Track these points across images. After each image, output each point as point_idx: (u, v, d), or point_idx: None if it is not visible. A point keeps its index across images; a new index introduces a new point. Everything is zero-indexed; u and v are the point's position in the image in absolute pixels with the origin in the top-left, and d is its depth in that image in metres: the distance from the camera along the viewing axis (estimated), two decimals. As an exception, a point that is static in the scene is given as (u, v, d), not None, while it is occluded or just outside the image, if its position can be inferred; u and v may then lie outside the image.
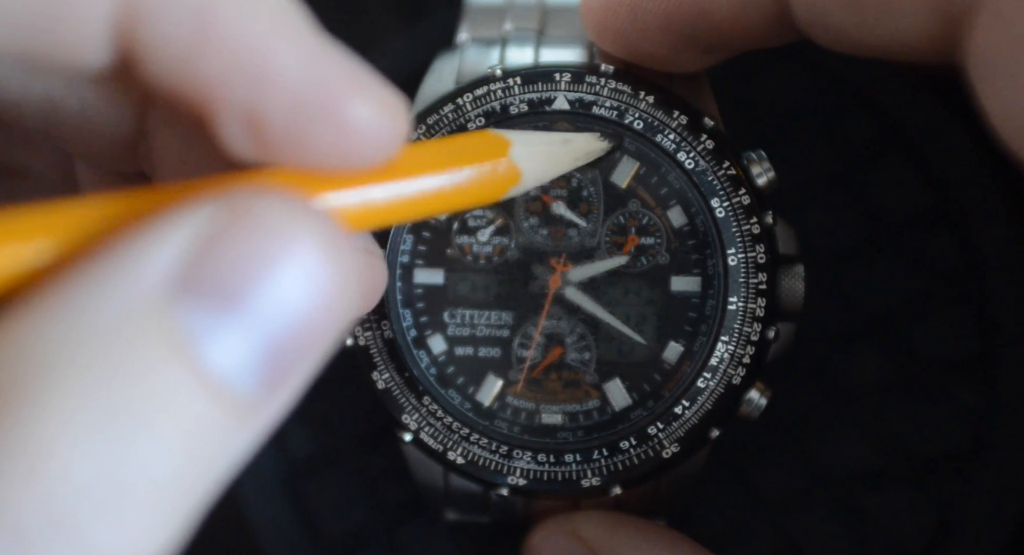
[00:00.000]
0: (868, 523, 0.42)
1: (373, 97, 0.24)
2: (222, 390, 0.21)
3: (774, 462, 0.43)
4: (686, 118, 0.36)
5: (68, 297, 0.20)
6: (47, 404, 0.19)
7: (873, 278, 0.43)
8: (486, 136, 0.32)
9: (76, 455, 0.19)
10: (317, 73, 0.23)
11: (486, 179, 0.30)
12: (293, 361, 0.22)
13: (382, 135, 0.24)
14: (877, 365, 0.43)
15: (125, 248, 0.21)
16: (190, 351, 0.20)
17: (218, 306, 0.21)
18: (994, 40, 0.26)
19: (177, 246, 0.21)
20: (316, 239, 0.22)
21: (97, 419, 0.19)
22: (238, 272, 0.21)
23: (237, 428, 0.21)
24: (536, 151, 0.33)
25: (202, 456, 0.20)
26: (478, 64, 0.38)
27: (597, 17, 0.36)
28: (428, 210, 0.29)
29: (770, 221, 0.36)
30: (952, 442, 0.42)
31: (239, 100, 0.23)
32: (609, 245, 0.38)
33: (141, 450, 0.19)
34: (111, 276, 0.20)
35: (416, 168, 0.28)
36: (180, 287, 0.20)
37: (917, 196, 0.43)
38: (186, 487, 0.20)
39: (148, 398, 0.20)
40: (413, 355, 0.38)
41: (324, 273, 0.22)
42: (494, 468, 0.37)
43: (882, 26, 0.29)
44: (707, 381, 0.36)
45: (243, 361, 0.21)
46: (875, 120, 0.44)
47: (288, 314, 0.21)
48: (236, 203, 0.21)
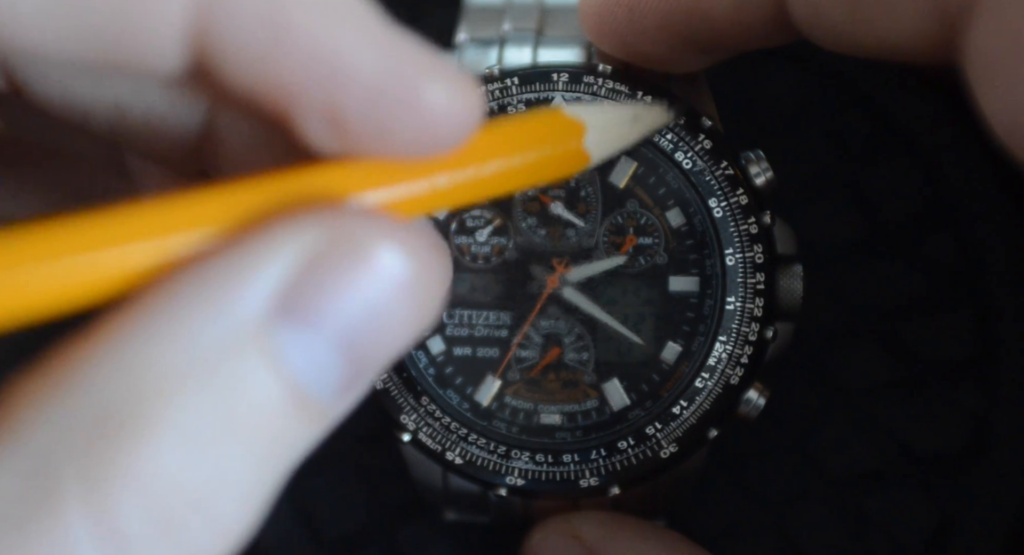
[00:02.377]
0: (868, 523, 0.42)
1: (448, 82, 0.24)
2: (306, 398, 0.22)
3: (773, 462, 0.43)
4: (684, 118, 0.36)
5: (177, 316, 0.21)
6: (160, 425, 0.20)
7: (873, 278, 0.43)
8: (560, 118, 0.31)
9: (180, 469, 0.20)
10: (391, 62, 0.23)
11: (558, 163, 0.30)
12: (370, 365, 0.23)
13: (458, 118, 0.24)
14: (877, 365, 0.43)
15: (232, 266, 0.21)
16: (283, 367, 0.21)
17: (310, 325, 0.22)
18: (992, 40, 0.26)
19: (280, 269, 0.22)
20: (405, 263, 0.23)
21: (202, 437, 0.20)
22: (333, 295, 0.22)
23: (313, 428, 0.23)
24: (608, 135, 0.33)
25: (281, 455, 0.22)
26: (476, 64, 0.38)
27: (595, 17, 0.35)
28: (497, 192, 0.29)
29: (768, 221, 0.36)
30: (952, 442, 0.42)
31: (318, 98, 0.23)
32: (607, 245, 0.38)
33: (235, 459, 0.21)
34: (220, 297, 0.21)
35: (489, 153, 0.27)
36: (280, 310, 0.21)
37: (917, 196, 0.43)
38: (267, 483, 0.22)
39: (245, 413, 0.21)
40: (411, 355, 0.38)
41: (407, 290, 0.23)
42: (492, 468, 0.37)
43: (880, 26, 0.29)
44: (705, 381, 0.36)
45: (326, 369, 0.22)
46: (874, 120, 0.44)
47: (370, 327, 0.23)
48: (334, 224, 0.22)
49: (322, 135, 0.24)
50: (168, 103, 0.30)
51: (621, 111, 0.34)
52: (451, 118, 0.24)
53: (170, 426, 0.20)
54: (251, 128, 0.29)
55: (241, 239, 0.22)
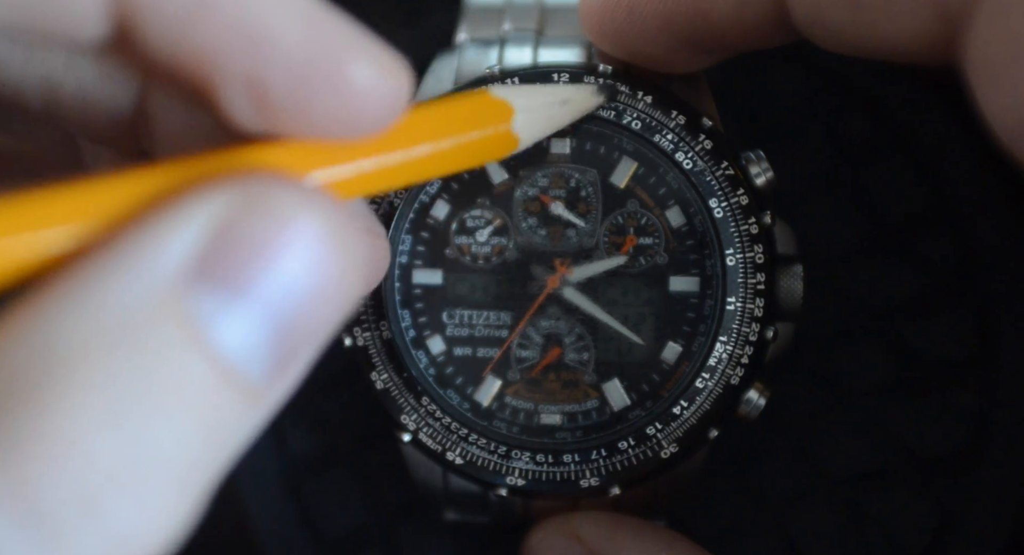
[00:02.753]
0: (868, 523, 0.42)
1: (374, 60, 0.24)
2: (234, 374, 0.21)
3: (773, 462, 0.43)
4: (684, 118, 0.36)
5: (87, 285, 0.20)
6: (69, 392, 0.19)
7: (873, 278, 0.43)
8: (487, 99, 0.31)
9: (98, 440, 0.19)
10: (317, 37, 0.23)
11: (486, 144, 0.30)
12: (300, 343, 0.22)
13: (384, 99, 0.24)
14: (877, 365, 0.43)
15: (141, 236, 0.21)
16: (204, 337, 0.21)
17: (231, 293, 0.21)
18: (991, 41, 0.26)
19: (192, 235, 0.21)
20: (324, 226, 0.22)
21: (118, 405, 0.20)
22: (250, 260, 0.21)
23: (248, 409, 0.22)
24: (536, 116, 0.33)
25: (216, 437, 0.21)
26: (477, 64, 0.38)
27: (596, 17, 0.36)
28: (427, 175, 0.29)
29: (768, 221, 0.36)
30: (952, 442, 0.42)
31: (240, 68, 0.23)
32: (607, 245, 0.38)
33: (160, 434, 0.20)
34: (129, 264, 0.20)
35: (418, 136, 0.27)
36: (195, 275, 0.21)
37: (917, 196, 0.43)
38: (200, 465, 0.21)
39: (165, 384, 0.20)
40: (412, 355, 0.38)
41: (331, 259, 0.22)
42: (493, 468, 0.37)
43: (880, 27, 0.29)
44: (705, 381, 0.36)
45: (253, 345, 0.22)
46: (875, 120, 0.44)
47: (296, 299, 0.22)
48: (248, 189, 0.22)
49: (245, 110, 0.23)
50: (99, 77, 0.29)
51: (550, 94, 0.34)
52: (377, 98, 0.24)
53: (81, 392, 0.19)
54: (183, 107, 0.29)
55: (153, 211, 0.21)
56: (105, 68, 0.29)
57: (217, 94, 0.23)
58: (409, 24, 0.46)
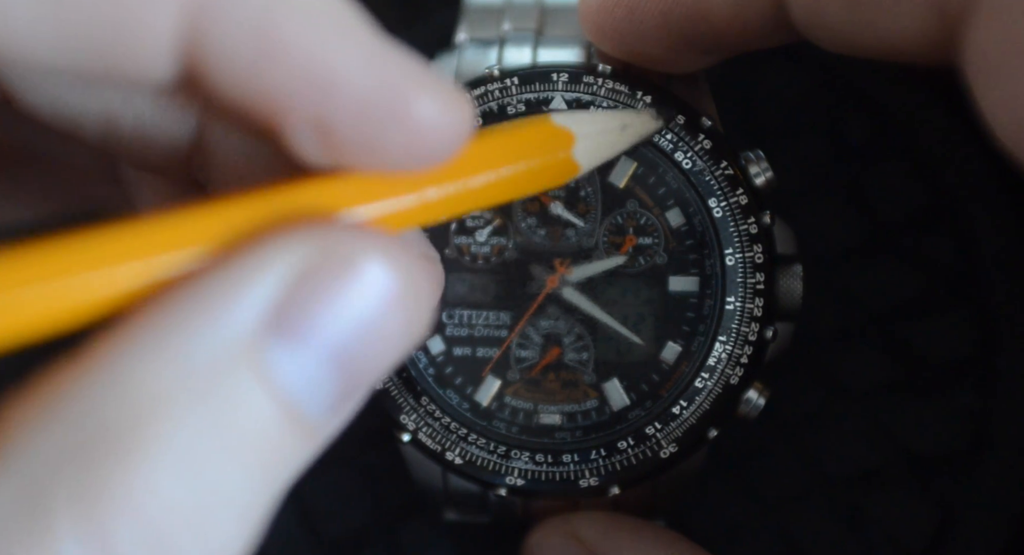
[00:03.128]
0: (868, 523, 0.42)
1: (438, 95, 0.24)
2: (300, 417, 0.22)
3: (773, 462, 0.43)
4: (684, 118, 0.36)
5: (170, 334, 0.21)
6: (151, 444, 0.20)
7: (873, 278, 0.43)
8: (549, 127, 0.31)
9: (173, 488, 0.20)
10: (382, 75, 0.23)
11: (547, 172, 0.30)
12: (362, 381, 0.23)
13: (448, 131, 0.24)
14: (877, 365, 0.43)
15: (221, 284, 0.21)
16: (276, 385, 0.21)
17: (301, 341, 0.22)
18: (991, 41, 0.26)
19: (271, 286, 0.22)
20: (392, 275, 0.23)
21: (193, 454, 0.20)
22: (323, 309, 0.22)
23: (306, 445, 0.23)
24: (597, 143, 0.33)
25: (275, 472, 0.22)
26: (476, 64, 0.38)
27: (595, 17, 0.35)
28: (488, 203, 0.29)
29: (768, 221, 0.36)
30: (952, 442, 0.42)
31: (307, 108, 0.23)
32: (607, 245, 0.38)
33: (229, 476, 0.21)
34: (210, 314, 0.21)
35: (480, 165, 0.28)
36: (271, 327, 0.21)
37: (917, 196, 0.43)
38: (260, 501, 0.22)
39: (236, 429, 0.21)
40: (412, 355, 0.38)
41: (395, 303, 0.23)
42: (492, 468, 0.37)
43: (879, 27, 0.29)
44: (705, 381, 0.36)
45: (318, 386, 0.22)
46: (875, 120, 0.44)
47: (361, 341, 0.23)
48: (323, 241, 0.22)
49: (312, 147, 0.24)
50: (159, 113, 0.30)
51: (610, 120, 0.34)
52: (441, 131, 0.24)
53: (163, 446, 0.20)
54: (242, 140, 0.29)
55: (231, 256, 0.22)
56: (166, 104, 0.30)
57: (283, 133, 0.24)
58: (409, 24, 0.46)
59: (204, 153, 0.30)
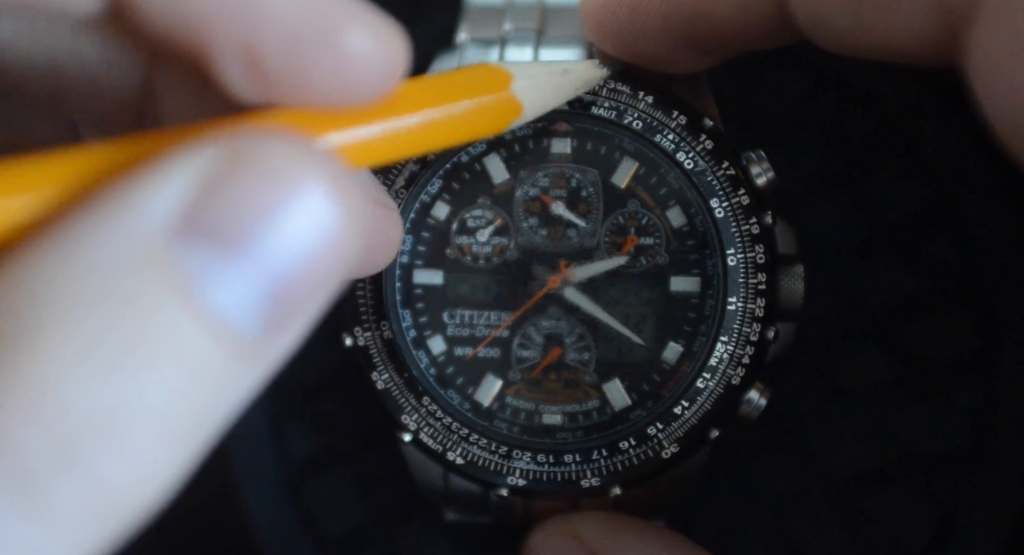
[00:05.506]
0: (868, 523, 0.42)
1: (370, 27, 0.23)
2: (224, 330, 0.21)
3: (774, 462, 0.43)
4: (685, 118, 0.36)
5: (70, 237, 0.20)
6: (48, 341, 0.19)
7: (873, 278, 0.43)
8: (487, 69, 0.31)
9: (77, 390, 0.19)
10: (311, 2, 0.23)
11: (488, 112, 0.30)
12: (296, 303, 0.22)
13: (381, 65, 0.23)
14: (877, 365, 0.43)
15: (126, 189, 0.21)
16: (192, 292, 0.20)
17: (221, 247, 0.21)
18: (993, 42, 0.26)
19: (180, 187, 0.21)
20: (321, 179, 0.21)
21: (98, 355, 0.19)
22: (242, 214, 0.21)
23: (239, 368, 0.21)
24: (537, 83, 0.32)
25: (204, 393, 0.21)
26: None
27: (596, 17, 0.35)
28: (430, 145, 0.28)
29: (769, 221, 0.36)
30: (952, 442, 0.42)
31: (234, 35, 0.22)
32: (608, 245, 0.38)
33: (143, 385, 0.20)
34: (113, 217, 0.20)
35: (417, 103, 0.27)
36: (183, 228, 0.20)
37: (917, 196, 0.43)
38: (189, 423, 0.21)
39: (149, 336, 0.20)
40: (412, 355, 0.38)
41: (329, 214, 0.22)
42: (493, 468, 0.37)
43: (881, 28, 0.29)
44: (706, 381, 0.36)
45: (245, 302, 0.21)
46: (875, 120, 0.44)
47: (291, 255, 0.21)
48: (239, 143, 0.21)
49: (242, 80, 0.23)
50: (103, 59, 0.29)
51: (550, 64, 0.34)
52: (374, 65, 0.23)
53: (58, 343, 0.19)
54: (188, 89, 0.29)
55: (139, 168, 0.21)
56: (107, 48, 0.29)
57: (213, 63, 0.23)
58: (409, 24, 0.46)
59: (154, 105, 0.30)
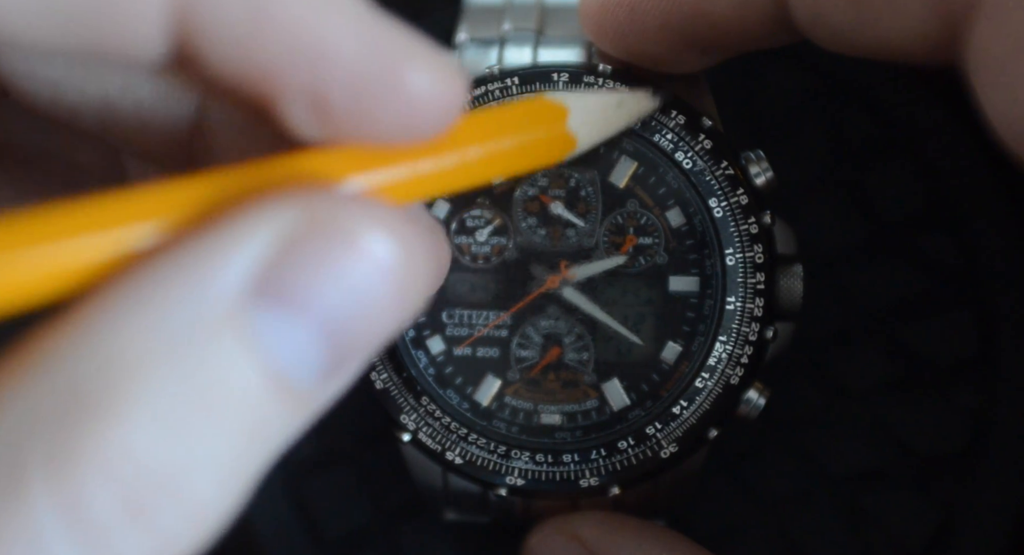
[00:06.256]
0: (868, 523, 0.42)
1: (430, 65, 0.24)
2: (286, 384, 0.21)
3: (773, 462, 0.43)
4: (684, 118, 0.36)
5: (150, 295, 0.20)
6: (125, 401, 0.20)
7: (873, 278, 0.43)
8: (544, 104, 0.31)
9: (151, 449, 0.20)
10: (374, 46, 0.23)
11: (543, 147, 0.30)
12: (353, 352, 0.23)
13: (442, 103, 0.24)
14: (877, 365, 0.43)
15: (205, 248, 0.21)
16: (260, 350, 0.21)
17: (290, 308, 0.21)
18: (994, 41, 0.26)
19: (257, 250, 0.21)
20: (386, 241, 0.22)
21: (171, 415, 0.20)
22: (312, 277, 0.21)
23: (293, 414, 0.22)
24: (592, 117, 0.33)
25: (258, 441, 0.21)
26: (476, 64, 0.38)
27: (596, 17, 0.35)
28: (485, 178, 0.29)
29: (768, 221, 0.36)
30: (952, 442, 0.42)
31: (301, 83, 0.23)
32: (607, 245, 0.38)
33: (209, 441, 0.20)
34: (192, 277, 0.21)
35: (474, 138, 0.27)
36: (257, 292, 0.21)
37: (917, 196, 0.43)
38: (242, 469, 0.21)
39: (218, 394, 0.20)
40: (411, 355, 0.38)
41: (389, 273, 0.22)
42: (492, 468, 0.37)
43: (882, 27, 0.29)
44: (705, 381, 0.36)
45: (306, 355, 0.22)
46: (875, 120, 0.44)
47: (353, 312, 0.22)
48: (312, 206, 0.22)
49: (306, 121, 0.23)
50: (156, 97, 0.29)
51: (605, 96, 0.34)
52: (435, 103, 0.24)
53: (137, 406, 0.20)
54: (241, 123, 0.29)
55: (217, 221, 0.21)
56: (163, 87, 0.29)
57: (277, 107, 0.23)
58: (409, 24, 0.46)
59: (204, 138, 0.30)
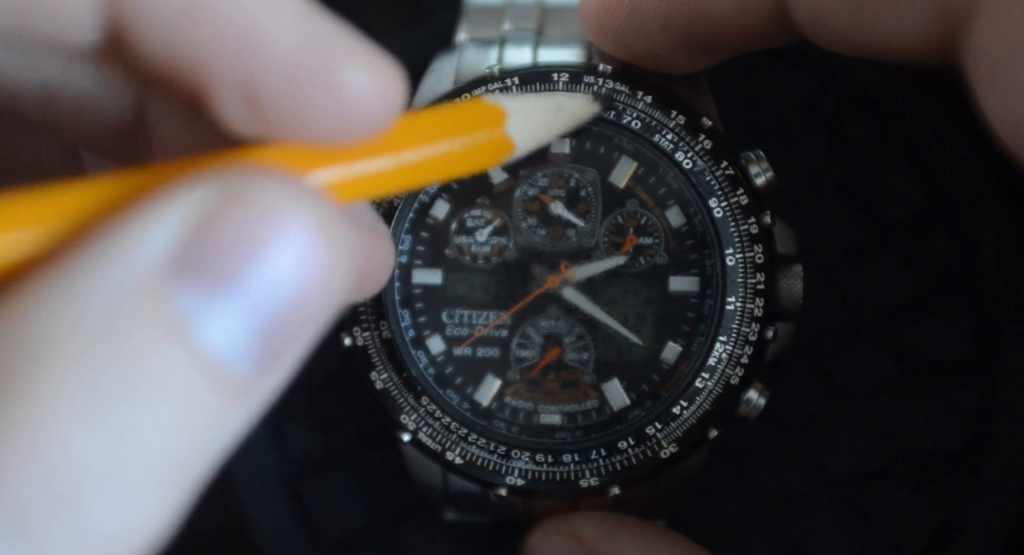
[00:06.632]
0: (868, 523, 0.42)
1: (368, 64, 0.23)
2: (217, 369, 0.21)
3: (773, 462, 0.43)
4: (684, 118, 0.36)
5: (64, 279, 0.20)
6: (44, 385, 0.19)
7: (873, 278, 0.43)
8: (482, 107, 0.31)
9: (74, 435, 0.19)
10: (310, 41, 0.23)
11: (481, 150, 0.30)
12: (287, 340, 0.22)
13: (378, 103, 0.24)
14: (877, 365, 0.43)
15: (121, 228, 0.21)
16: (185, 331, 0.20)
17: (213, 286, 0.21)
18: (993, 41, 0.26)
19: (172, 227, 0.21)
20: (310, 217, 0.22)
21: (94, 399, 0.19)
22: (233, 253, 0.21)
23: (232, 406, 0.21)
24: (530, 121, 0.33)
25: (198, 434, 0.21)
26: (476, 64, 0.38)
27: (596, 17, 0.35)
28: (422, 180, 0.29)
29: (768, 221, 0.36)
30: (952, 442, 0.42)
31: (233, 72, 0.22)
32: (607, 245, 0.38)
33: (138, 429, 0.20)
34: (107, 257, 0.20)
35: (412, 140, 0.27)
36: (175, 268, 0.20)
37: (917, 196, 0.43)
38: (183, 464, 0.20)
39: (144, 378, 0.20)
40: (411, 355, 0.38)
41: (317, 251, 0.22)
42: (492, 468, 0.37)
43: (882, 27, 0.29)
44: (705, 381, 0.36)
45: (237, 341, 0.21)
46: (875, 120, 0.44)
47: (281, 293, 0.21)
48: (230, 182, 0.21)
49: (239, 115, 0.23)
50: (96, 86, 0.29)
51: (543, 100, 0.34)
52: (371, 103, 0.23)
53: (57, 387, 0.19)
54: (181, 117, 0.29)
55: (134, 205, 0.21)
56: (102, 75, 0.29)
57: (211, 99, 0.23)
58: (409, 24, 0.46)
59: (147, 132, 0.30)
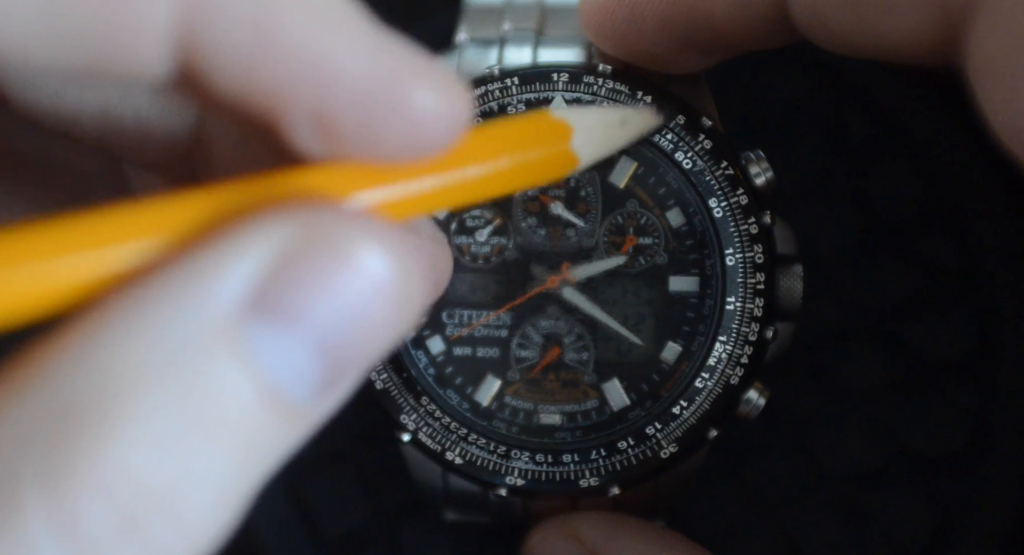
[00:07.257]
0: (868, 523, 0.42)
1: (435, 83, 0.24)
2: (282, 400, 0.21)
3: (773, 462, 0.43)
4: (684, 118, 0.36)
5: (144, 312, 0.20)
6: (119, 419, 0.19)
7: (873, 278, 0.43)
8: (547, 119, 0.32)
9: (145, 467, 0.20)
10: (379, 65, 0.23)
11: (545, 165, 0.30)
12: (349, 367, 0.23)
13: (446, 120, 0.24)
14: (877, 365, 0.43)
15: (201, 264, 0.21)
16: (256, 366, 0.21)
17: (286, 325, 0.21)
18: (993, 42, 0.26)
19: (252, 266, 0.21)
20: (388, 261, 0.22)
21: (166, 433, 0.20)
22: (311, 294, 0.21)
23: (291, 430, 0.22)
24: (595, 136, 0.33)
25: (254, 457, 0.21)
26: (476, 64, 0.38)
27: (596, 17, 0.35)
28: (484, 195, 0.29)
29: (768, 221, 0.36)
30: (952, 442, 0.42)
31: (306, 102, 0.23)
32: (607, 245, 0.38)
33: (205, 460, 0.20)
34: (187, 293, 0.21)
35: (477, 155, 0.28)
36: (253, 307, 0.21)
37: (917, 196, 0.43)
38: (241, 485, 0.21)
39: (214, 412, 0.20)
40: (411, 355, 0.38)
41: (392, 289, 0.22)
42: (492, 468, 0.37)
43: (882, 27, 0.29)
44: (705, 381, 0.36)
45: (303, 373, 0.22)
46: (875, 120, 0.44)
47: (352, 328, 0.22)
48: (310, 221, 0.22)
49: (310, 139, 0.23)
50: (157, 109, 0.29)
51: (609, 114, 0.34)
52: (439, 121, 0.24)
53: (133, 424, 0.19)
54: (241, 133, 0.29)
55: (214, 236, 0.21)
56: (163, 101, 0.29)
57: (281, 126, 0.23)
58: (409, 24, 0.46)
59: (204, 148, 0.30)
